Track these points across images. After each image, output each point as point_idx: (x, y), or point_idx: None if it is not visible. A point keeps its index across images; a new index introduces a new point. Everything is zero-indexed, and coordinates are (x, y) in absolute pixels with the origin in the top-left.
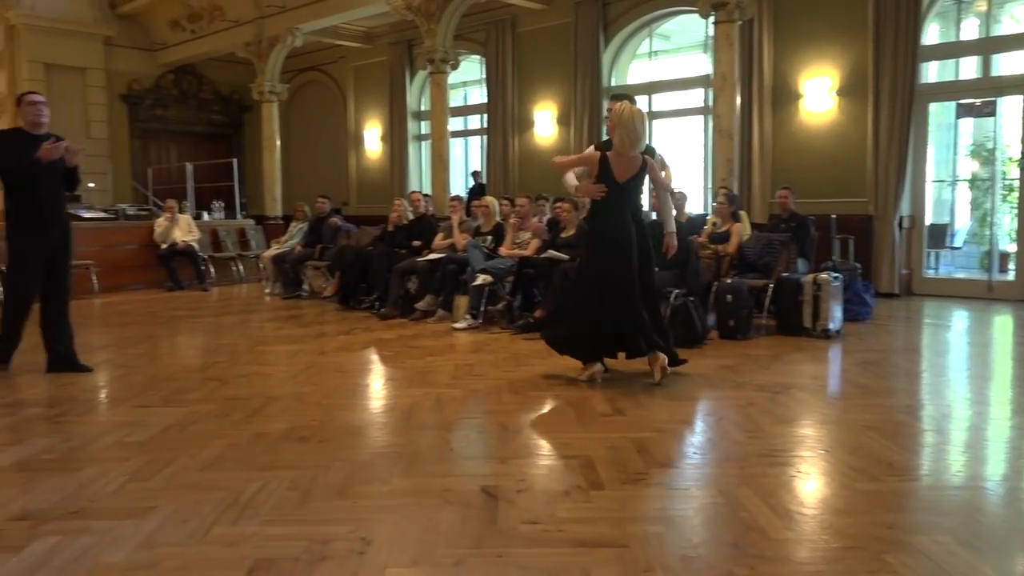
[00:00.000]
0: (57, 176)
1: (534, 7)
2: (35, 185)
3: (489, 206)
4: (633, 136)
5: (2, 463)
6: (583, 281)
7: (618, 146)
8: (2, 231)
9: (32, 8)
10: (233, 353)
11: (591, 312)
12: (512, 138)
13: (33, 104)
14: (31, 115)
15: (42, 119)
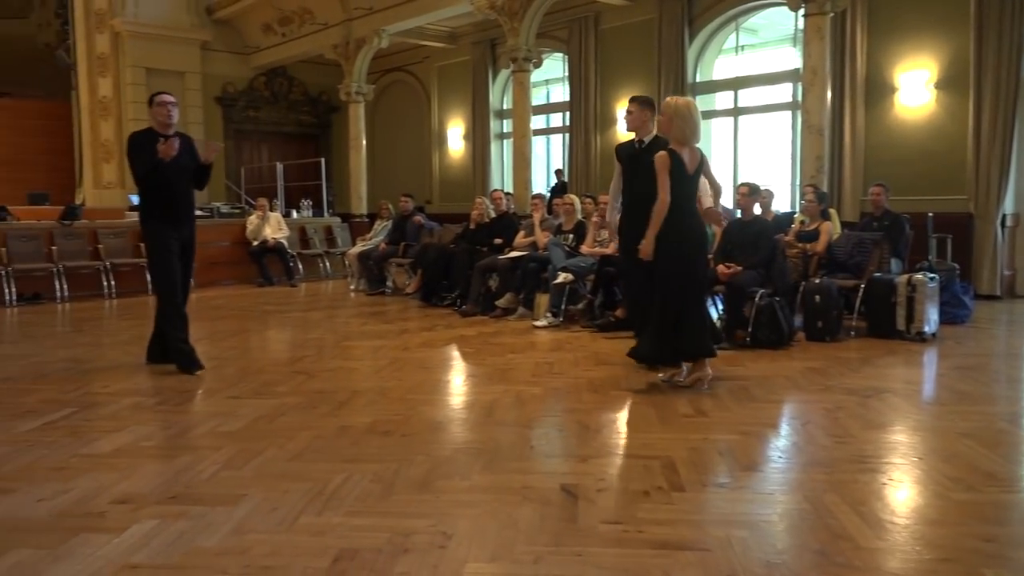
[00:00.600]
0: (187, 174)
1: (618, 3)
2: (167, 184)
3: (571, 204)
4: (695, 125)
5: (105, 449)
6: (670, 282)
7: (683, 138)
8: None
9: (135, 16)
10: (320, 347)
11: (674, 313)
12: (594, 136)
13: (162, 104)
14: (160, 115)
15: (171, 119)
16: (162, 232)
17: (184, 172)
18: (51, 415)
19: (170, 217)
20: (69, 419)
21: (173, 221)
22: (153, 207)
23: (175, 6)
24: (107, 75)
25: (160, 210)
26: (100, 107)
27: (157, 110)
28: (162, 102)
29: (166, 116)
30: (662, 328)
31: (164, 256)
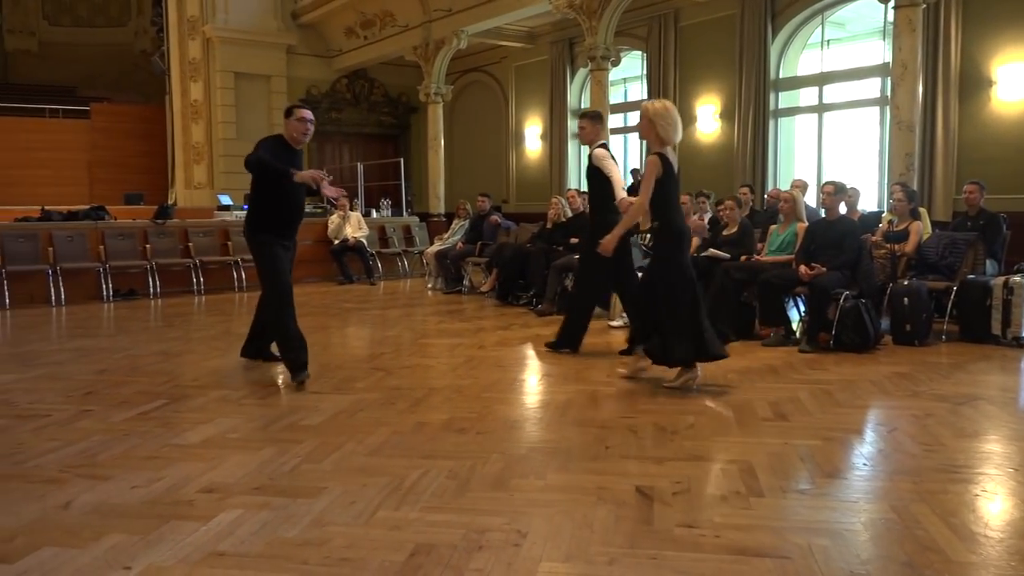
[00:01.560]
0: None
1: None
2: (287, 196)
3: None
4: (676, 124)
5: (194, 440)
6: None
7: (668, 139)
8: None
9: (225, 22)
10: (398, 345)
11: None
12: None
13: (302, 121)
14: (298, 131)
15: (307, 136)
16: (274, 245)
17: (302, 189)
18: (144, 406)
19: (285, 231)
20: (161, 410)
21: (287, 234)
22: (268, 218)
23: (262, 12)
24: (198, 80)
25: (275, 222)
26: (191, 111)
27: (296, 125)
28: (302, 118)
29: (303, 133)
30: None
31: (277, 267)
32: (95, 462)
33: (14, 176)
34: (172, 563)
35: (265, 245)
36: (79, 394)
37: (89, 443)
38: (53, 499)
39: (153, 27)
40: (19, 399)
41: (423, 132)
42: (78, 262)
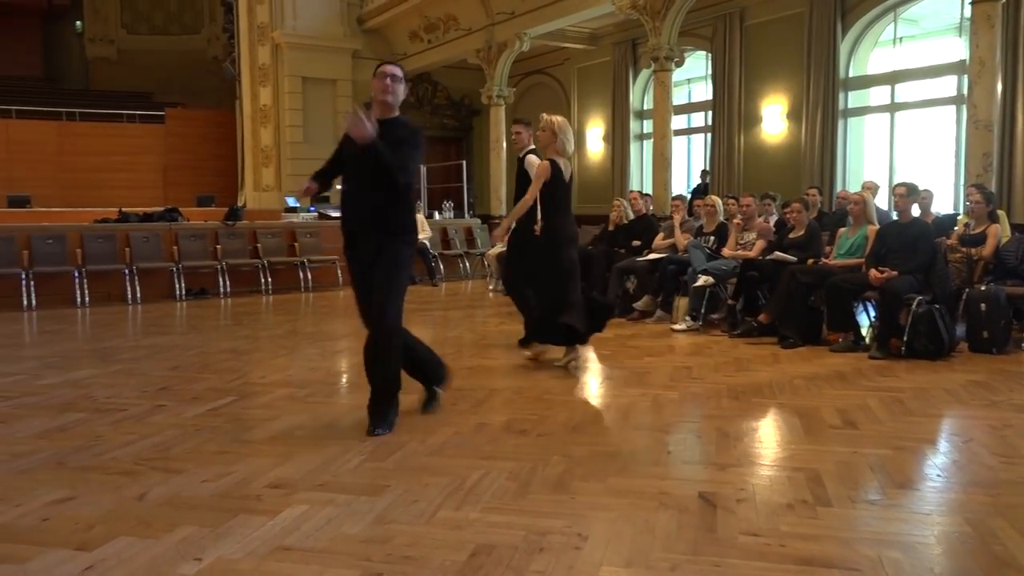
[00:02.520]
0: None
1: None
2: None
3: (713, 205)
4: (571, 138)
5: (261, 436)
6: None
7: (562, 151)
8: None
9: (294, 28)
10: (459, 346)
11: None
12: (738, 135)
13: (380, 77)
14: (376, 90)
15: (389, 96)
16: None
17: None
18: (214, 402)
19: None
20: (230, 407)
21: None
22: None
23: (329, 18)
24: (267, 84)
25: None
26: (260, 115)
27: (374, 84)
28: (382, 73)
29: (383, 91)
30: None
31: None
32: (168, 455)
33: (94, 179)
34: (240, 556)
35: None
36: (153, 390)
37: (163, 437)
38: (129, 490)
39: (225, 34)
40: (98, 393)
41: (485, 134)
42: (153, 262)
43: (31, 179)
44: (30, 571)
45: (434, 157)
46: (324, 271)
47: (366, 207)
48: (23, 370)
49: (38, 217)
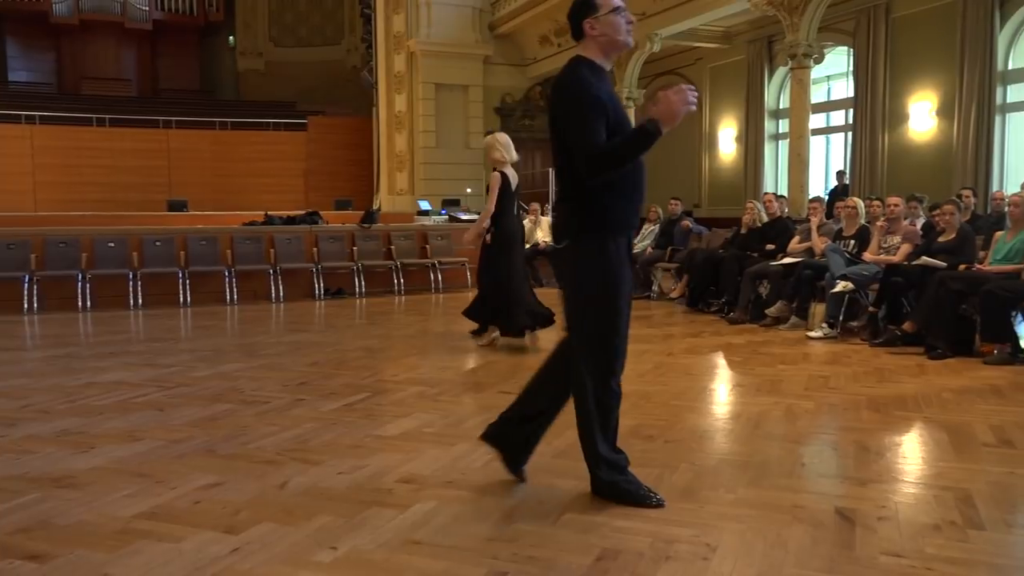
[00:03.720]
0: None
1: None
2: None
3: (854, 207)
4: (505, 148)
5: (393, 432)
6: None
7: (502, 160)
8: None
9: (428, 36)
10: None
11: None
12: (882, 134)
13: (617, 11)
14: (617, 30)
15: (629, 39)
16: (616, 256)
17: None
18: (350, 398)
19: (629, 227)
20: (364, 403)
21: (628, 236)
22: (604, 206)
23: (462, 25)
24: (402, 91)
25: (618, 213)
26: (395, 121)
27: (611, 21)
28: (617, 6)
29: (627, 30)
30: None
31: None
32: (307, 447)
33: (243, 184)
34: (373, 547)
35: (602, 254)
36: (294, 384)
37: (302, 429)
38: (271, 479)
39: (363, 44)
40: (244, 386)
41: None
42: (295, 263)
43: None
44: (184, 550)
45: None
46: (454, 273)
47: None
48: (179, 362)
49: (193, 220)
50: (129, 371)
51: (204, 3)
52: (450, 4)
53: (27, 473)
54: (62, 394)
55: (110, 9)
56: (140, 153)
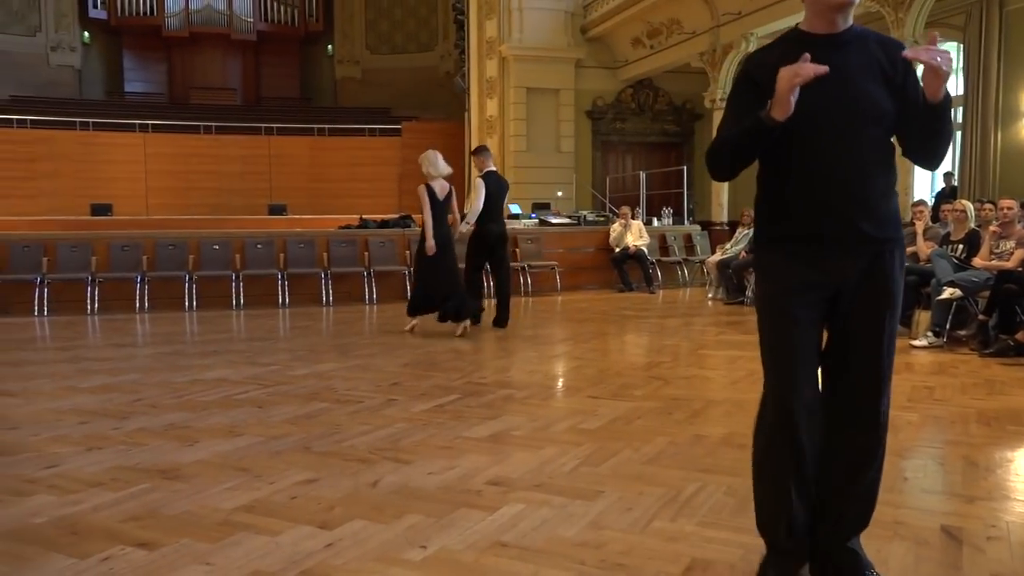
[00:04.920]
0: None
1: None
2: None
3: (963, 210)
4: (430, 165)
5: (481, 435)
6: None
7: (428, 176)
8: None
9: (520, 41)
10: (676, 354)
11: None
12: (994, 133)
13: None
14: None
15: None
16: (783, 268)
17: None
18: (440, 399)
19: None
20: (454, 404)
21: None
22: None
23: (554, 29)
24: (494, 96)
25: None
26: (487, 125)
27: None
28: None
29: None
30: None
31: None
32: (398, 447)
33: (340, 189)
34: (461, 548)
35: (768, 270)
36: (386, 384)
37: (394, 429)
38: (364, 477)
39: (456, 50)
40: (339, 385)
41: (707, 139)
42: (388, 265)
43: (288, 189)
44: (281, 543)
45: (654, 163)
46: (543, 276)
47: (854, 194)
48: (277, 361)
49: (292, 224)
50: (231, 369)
51: (305, 14)
52: (542, 8)
53: (138, 464)
54: (169, 390)
55: (218, 21)
56: (243, 159)
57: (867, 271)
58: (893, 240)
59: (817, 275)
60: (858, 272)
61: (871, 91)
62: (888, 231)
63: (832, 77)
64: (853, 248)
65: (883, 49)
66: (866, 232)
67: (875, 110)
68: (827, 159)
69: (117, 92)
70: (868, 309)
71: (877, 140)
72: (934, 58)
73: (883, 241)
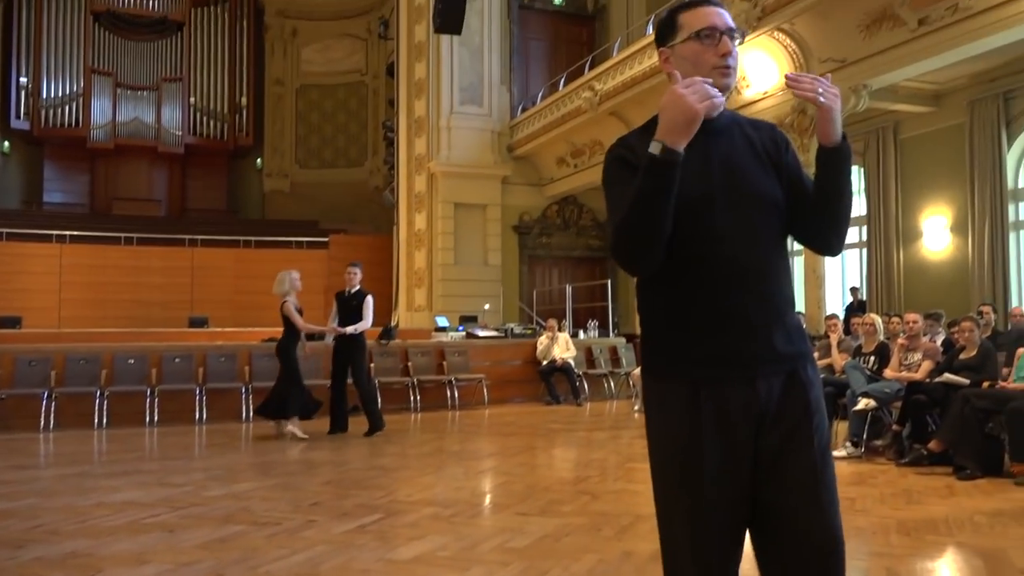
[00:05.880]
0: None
1: (920, 111)
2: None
3: (872, 323)
4: (282, 281)
5: (406, 556)
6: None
7: (281, 294)
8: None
9: (448, 158)
10: (603, 468)
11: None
12: (896, 250)
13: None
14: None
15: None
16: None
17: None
18: (363, 519)
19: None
20: (378, 524)
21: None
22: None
23: (481, 147)
24: (422, 210)
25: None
26: (415, 239)
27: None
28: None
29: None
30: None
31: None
32: (317, 572)
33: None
34: None
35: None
36: (306, 504)
37: (313, 553)
38: None
39: (385, 165)
40: (256, 506)
41: None
42: (314, 379)
43: (211, 301)
44: None
45: (580, 276)
46: (471, 390)
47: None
48: (191, 481)
49: (213, 337)
50: (141, 490)
51: (235, 128)
52: (470, 128)
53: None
54: (72, 514)
55: (145, 134)
56: (165, 271)
57: (784, 393)
58: (807, 355)
59: (731, 418)
60: (776, 397)
61: (760, 178)
62: (802, 344)
63: (718, 166)
64: (771, 368)
65: (758, 132)
66: (780, 348)
67: (770, 198)
68: (729, 260)
69: (36, 202)
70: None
71: (777, 236)
72: (816, 88)
73: (797, 356)
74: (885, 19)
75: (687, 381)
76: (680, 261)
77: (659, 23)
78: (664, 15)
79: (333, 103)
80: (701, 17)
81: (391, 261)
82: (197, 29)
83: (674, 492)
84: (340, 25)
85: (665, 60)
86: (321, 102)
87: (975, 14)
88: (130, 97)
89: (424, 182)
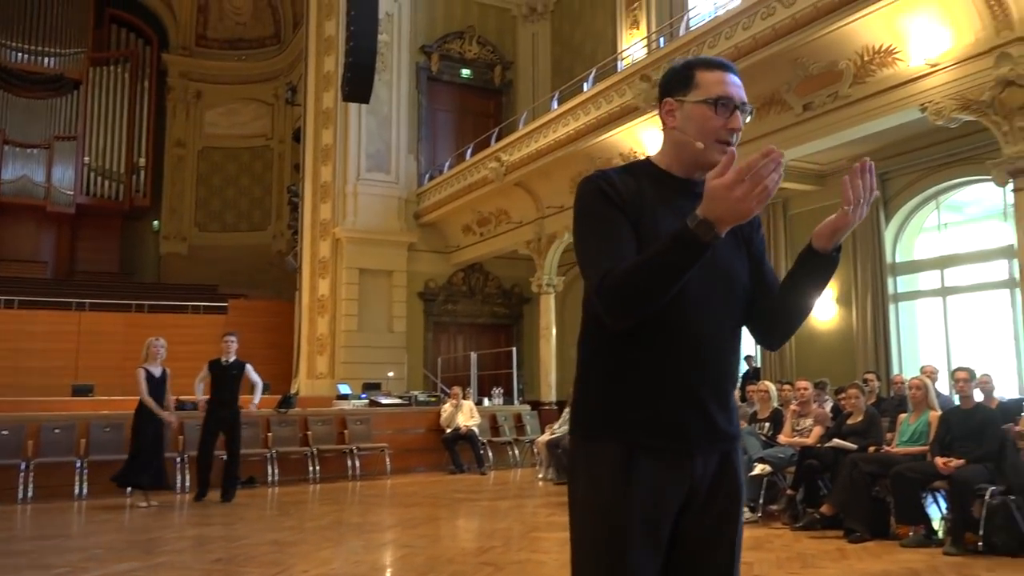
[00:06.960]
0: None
1: (806, 188)
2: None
3: (766, 391)
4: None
5: None
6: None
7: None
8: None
9: (353, 224)
10: (507, 538)
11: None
12: None
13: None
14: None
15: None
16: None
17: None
18: None
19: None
20: None
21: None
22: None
23: (387, 214)
24: (326, 276)
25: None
26: (318, 305)
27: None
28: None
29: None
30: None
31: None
32: None
33: None
34: None
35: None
36: None
37: None
38: None
39: (289, 230)
40: None
41: (535, 321)
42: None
43: (98, 368)
44: None
45: (484, 344)
46: (373, 459)
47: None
48: (68, 562)
49: (99, 406)
50: (12, 575)
51: (131, 189)
52: (376, 194)
53: None
54: None
55: (34, 193)
56: (48, 336)
57: (717, 473)
58: (739, 438)
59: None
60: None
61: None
62: (737, 427)
63: None
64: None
65: None
66: (722, 427)
67: (740, 279)
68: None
69: None
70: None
71: (739, 316)
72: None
73: (734, 438)
74: (774, 103)
75: (622, 443)
76: (643, 323)
77: (672, 73)
78: (679, 66)
79: (237, 166)
80: (721, 83)
81: (292, 327)
82: (95, 88)
83: (597, 556)
84: (246, 89)
85: (669, 112)
86: (224, 165)
87: (854, 101)
88: (18, 155)
89: (329, 247)
